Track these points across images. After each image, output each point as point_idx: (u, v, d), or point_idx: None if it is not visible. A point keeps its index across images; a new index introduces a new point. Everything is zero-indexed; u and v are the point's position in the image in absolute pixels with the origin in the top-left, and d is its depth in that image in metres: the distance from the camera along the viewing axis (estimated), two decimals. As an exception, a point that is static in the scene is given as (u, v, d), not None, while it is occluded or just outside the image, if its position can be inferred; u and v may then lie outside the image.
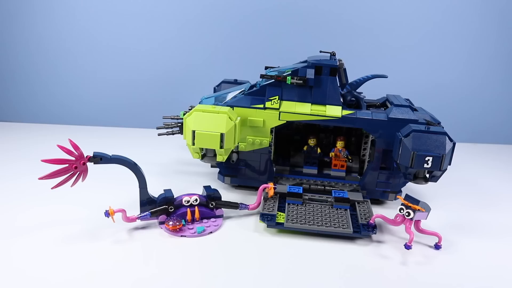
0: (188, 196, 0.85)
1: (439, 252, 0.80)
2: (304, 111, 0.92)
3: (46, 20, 1.42)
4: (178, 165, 1.19)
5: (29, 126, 1.49)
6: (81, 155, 0.74)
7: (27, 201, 0.91)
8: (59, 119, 1.53)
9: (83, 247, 0.75)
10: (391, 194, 0.97)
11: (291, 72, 0.93)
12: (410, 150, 0.82)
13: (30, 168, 1.02)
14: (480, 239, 0.87)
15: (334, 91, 0.92)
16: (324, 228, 0.81)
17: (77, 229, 0.81)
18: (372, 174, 0.96)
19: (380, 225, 0.88)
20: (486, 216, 0.98)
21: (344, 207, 0.89)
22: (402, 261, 0.77)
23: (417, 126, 0.85)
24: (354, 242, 0.82)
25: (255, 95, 0.94)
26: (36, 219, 0.84)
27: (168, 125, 1.03)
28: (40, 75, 1.49)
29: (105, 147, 0.88)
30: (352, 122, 0.92)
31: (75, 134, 1.41)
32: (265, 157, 0.97)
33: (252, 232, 0.84)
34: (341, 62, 0.95)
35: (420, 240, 0.83)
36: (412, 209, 0.79)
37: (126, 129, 1.52)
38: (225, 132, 0.84)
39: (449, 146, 0.82)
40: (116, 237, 0.79)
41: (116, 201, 0.89)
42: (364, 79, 0.97)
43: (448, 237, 0.85)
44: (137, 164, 0.81)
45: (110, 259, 0.72)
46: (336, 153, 1.03)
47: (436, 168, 0.82)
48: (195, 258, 0.74)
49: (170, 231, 0.80)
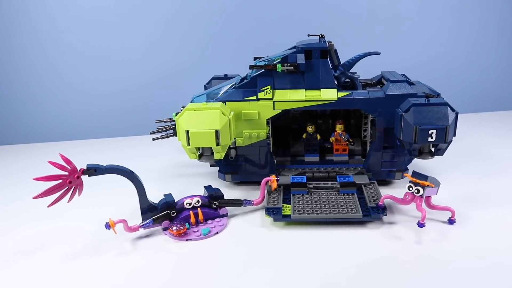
0: (190, 198, 0.82)
1: (454, 227, 0.78)
2: (299, 97, 0.89)
3: (27, 36, 1.39)
4: (176, 168, 1.16)
5: (20, 147, 1.46)
6: (74, 169, 0.71)
7: (26, 223, 0.88)
8: (50, 137, 1.49)
9: (88, 262, 0.72)
10: (397, 173, 0.95)
11: (280, 59, 0.90)
12: (412, 125, 0.79)
13: (26, 189, 0.99)
14: (494, 209, 0.84)
15: (327, 74, 0.89)
16: (333, 215, 0.79)
17: (80, 245, 0.78)
18: (375, 155, 0.93)
19: (390, 206, 0.86)
20: (496, 185, 0.96)
21: (351, 191, 0.87)
22: (416, 240, 0.74)
23: (417, 100, 0.83)
24: (365, 226, 0.80)
25: (247, 87, 0.91)
26: (37, 239, 0.81)
27: (161, 128, 1.00)
28: (26, 93, 1.46)
29: (101, 159, 0.85)
30: (349, 104, 0.89)
31: (68, 149, 1.37)
32: (264, 149, 0.94)
33: (260, 228, 0.81)
34: (331, 43, 0.93)
35: (433, 216, 0.81)
36: (421, 185, 0.76)
37: (120, 139, 1.49)
38: (220, 128, 0.81)
39: (452, 117, 0.80)
40: (121, 249, 0.76)
41: (116, 211, 0.87)
42: (356, 58, 0.94)
43: (460, 210, 0.82)
44: (133, 172, 0.78)
45: (117, 272, 0.69)
46: (337, 137, 1.00)
47: (441, 141, 0.79)
48: (205, 262, 0.71)
49: (175, 236, 0.78)
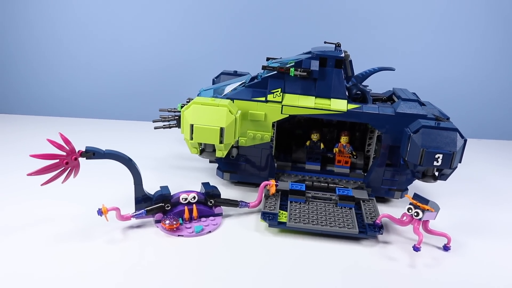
0: (186, 194, 0.81)
1: (448, 254, 0.77)
2: (308, 104, 0.88)
3: (38, 9, 1.36)
4: (175, 159, 1.15)
5: (20, 117, 1.43)
6: (72, 150, 0.70)
7: (15, 197, 0.87)
8: (51, 111, 1.47)
9: (75, 247, 0.71)
10: (397, 192, 0.93)
11: (294, 63, 0.88)
12: (420, 146, 0.78)
13: (20, 162, 0.97)
14: (490, 240, 0.83)
15: (339, 84, 0.88)
16: (329, 228, 0.78)
17: (68, 227, 0.77)
18: (377, 171, 0.92)
19: (386, 225, 0.85)
20: (494, 215, 0.95)
21: (349, 205, 0.86)
22: (410, 263, 0.73)
23: (427, 122, 0.81)
24: (359, 243, 0.79)
25: (257, 87, 0.90)
26: (25, 216, 0.80)
27: (164, 118, 0.99)
28: (32, 65, 1.43)
29: (99, 140, 0.84)
30: (358, 117, 0.88)
31: (67, 126, 1.36)
32: (266, 152, 0.93)
33: (253, 232, 0.80)
34: (347, 53, 0.91)
35: (428, 241, 0.80)
36: (421, 209, 0.75)
37: (121, 122, 1.47)
38: (225, 126, 0.79)
39: (460, 143, 0.78)
40: (110, 236, 0.75)
41: (110, 197, 0.85)
42: (370, 72, 0.93)
43: (456, 237, 0.81)
44: (132, 160, 0.76)
45: (103, 260, 0.68)
46: (340, 148, 0.99)
47: (446, 166, 0.78)
48: (192, 259, 0.70)
49: (167, 230, 0.76)
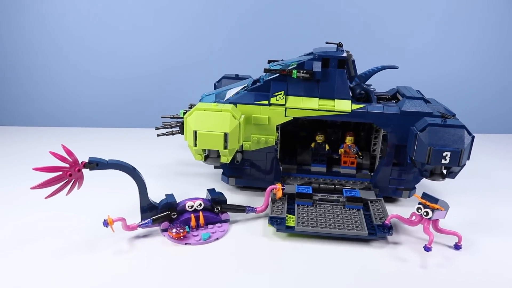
0: (192, 201, 0.80)
1: (460, 253, 0.76)
2: (312, 106, 0.87)
3: (37, 20, 1.36)
4: (179, 166, 1.14)
5: (22, 129, 1.43)
6: (75, 161, 0.69)
7: (20, 210, 0.86)
8: (53, 121, 1.47)
9: (82, 259, 0.70)
10: (405, 191, 0.92)
11: (296, 65, 0.87)
12: (427, 145, 0.77)
13: (23, 174, 0.96)
14: (502, 237, 0.82)
15: (343, 84, 0.87)
16: (337, 230, 0.77)
17: (74, 240, 0.76)
18: (384, 171, 0.91)
19: (395, 225, 0.84)
20: (504, 211, 0.94)
21: (357, 207, 0.85)
22: (421, 264, 0.72)
23: (433, 120, 0.80)
24: (369, 245, 0.78)
25: (259, 90, 0.89)
26: (30, 229, 0.79)
27: (167, 125, 0.98)
28: (32, 76, 1.43)
29: (102, 149, 0.83)
30: (363, 117, 0.87)
31: (69, 136, 1.35)
32: (271, 156, 0.92)
33: (261, 237, 0.79)
34: (349, 53, 0.90)
35: (439, 240, 0.78)
36: (430, 208, 0.74)
37: (123, 130, 1.46)
38: (229, 131, 0.79)
39: (467, 140, 0.77)
40: (117, 247, 0.74)
41: (115, 207, 0.85)
42: (373, 71, 0.92)
43: (467, 236, 0.80)
44: (136, 169, 0.76)
45: (111, 271, 0.67)
46: (346, 149, 0.98)
47: (455, 164, 0.77)
48: (201, 268, 0.69)
49: (174, 239, 0.75)
